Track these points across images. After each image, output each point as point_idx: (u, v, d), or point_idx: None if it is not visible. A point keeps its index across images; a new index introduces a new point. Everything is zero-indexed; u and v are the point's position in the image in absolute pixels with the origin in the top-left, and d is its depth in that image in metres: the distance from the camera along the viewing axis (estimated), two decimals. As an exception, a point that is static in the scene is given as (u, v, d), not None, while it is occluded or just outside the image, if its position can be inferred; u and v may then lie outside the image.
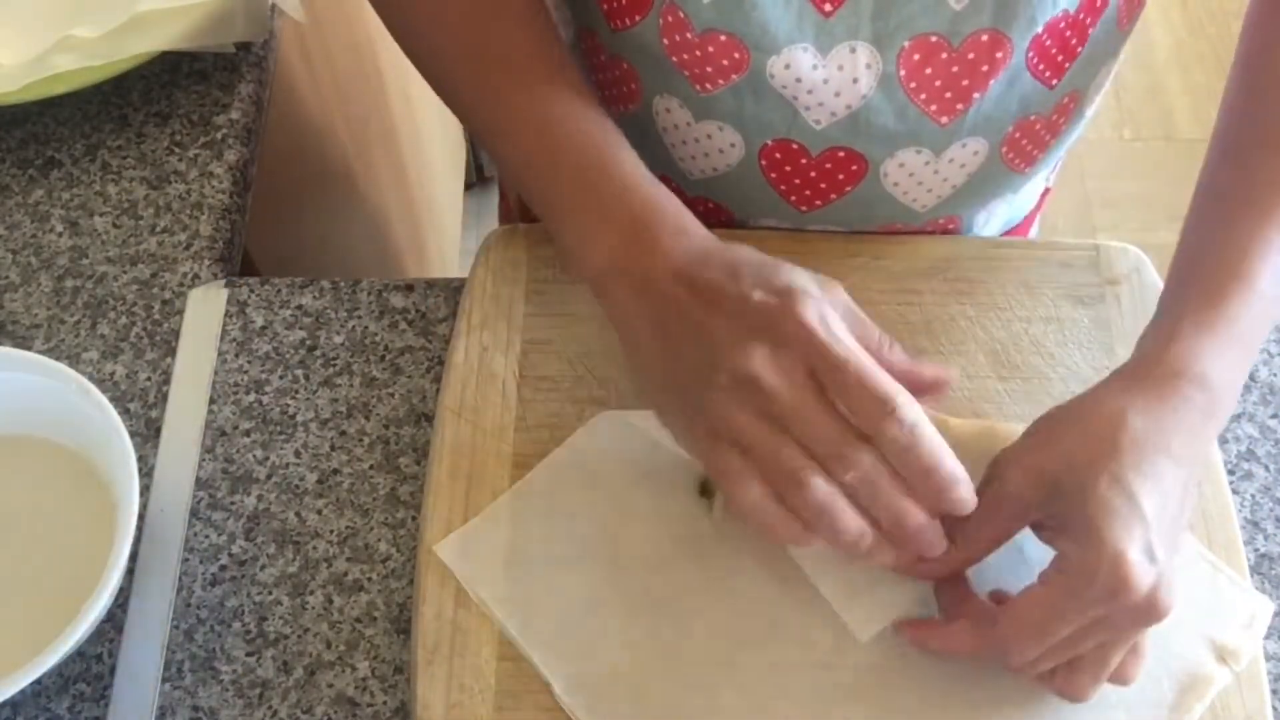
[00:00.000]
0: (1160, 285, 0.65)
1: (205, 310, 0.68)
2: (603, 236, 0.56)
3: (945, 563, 0.54)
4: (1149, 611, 0.50)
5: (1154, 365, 0.54)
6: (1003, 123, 0.64)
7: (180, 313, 0.68)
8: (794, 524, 0.51)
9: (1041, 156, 0.69)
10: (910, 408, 0.50)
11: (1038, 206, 0.81)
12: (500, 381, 0.62)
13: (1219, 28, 2.09)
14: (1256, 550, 0.61)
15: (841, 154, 0.64)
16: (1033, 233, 0.85)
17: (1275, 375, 0.66)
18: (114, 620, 0.59)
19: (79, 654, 0.58)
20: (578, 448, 0.60)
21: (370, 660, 0.58)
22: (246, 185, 0.75)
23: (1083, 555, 0.50)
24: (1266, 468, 0.63)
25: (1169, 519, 0.51)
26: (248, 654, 0.58)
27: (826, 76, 0.60)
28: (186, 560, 0.60)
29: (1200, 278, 0.57)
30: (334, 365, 0.66)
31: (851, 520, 0.50)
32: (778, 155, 0.65)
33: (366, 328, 0.67)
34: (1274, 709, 0.56)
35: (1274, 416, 0.65)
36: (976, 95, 0.61)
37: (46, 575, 0.59)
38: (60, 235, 0.70)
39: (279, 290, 0.68)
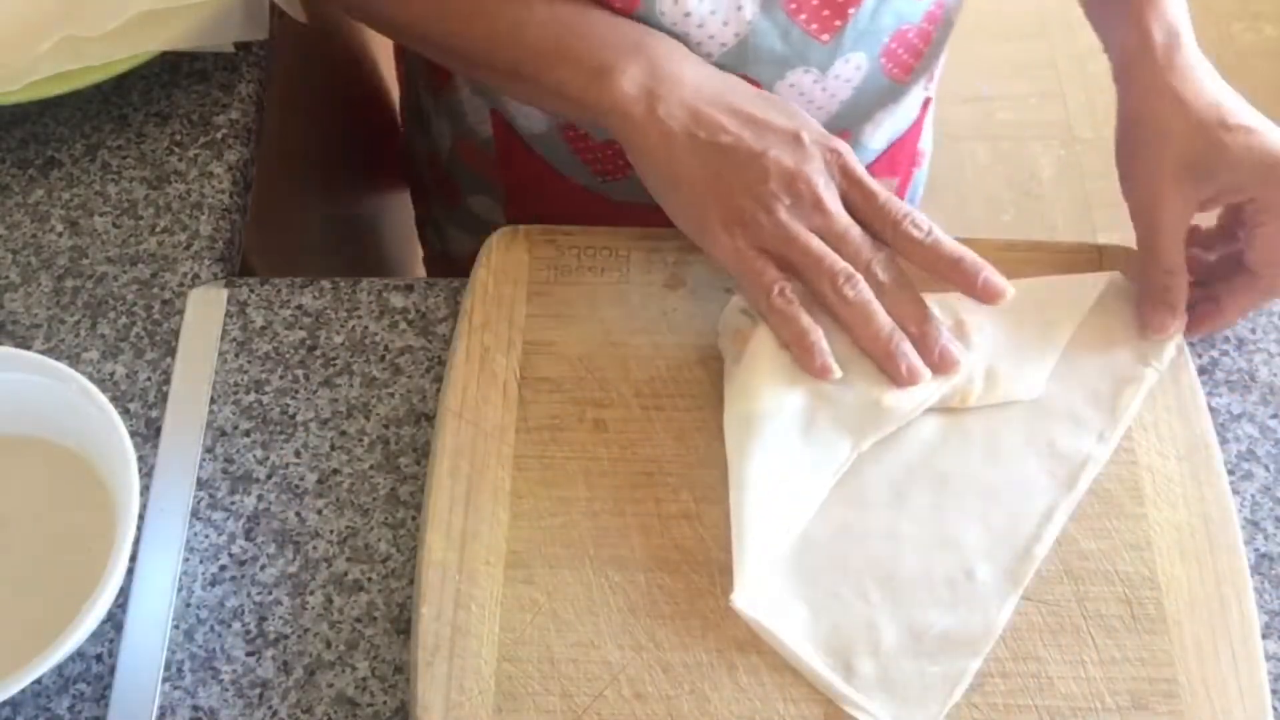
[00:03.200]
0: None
1: (205, 310, 0.67)
2: (624, 64, 0.60)
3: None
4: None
5: (1150, 47, 0.63)
6: (880, 36, 0.68)
7: (180, 313, 0.68)
8: (818, 331, 0.58)
9: (917, 65, 0.73)
10: (924, 218, 0.59)
11: (921, 115, 0.85)
12: (501, 382, 0.62)
13: (1219, 29, 2.09)
14: (1256, 550, 0.61)
15: None
16: (924, 143, 0.89)
17: (1275, 375, 0.66)
18: (114, 620, 0.59)
19: (79, 654, 0.58)
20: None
21: (370, 660, 0.58)
22: (246, 185, 0.75)
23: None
24: (1266, 468, 0.63)
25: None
26: (248, 654, 0.58)
27: (713, 7, 0.63)
28: (186, 560, 0.60)
29: None
30: (334, 365, 0.66)
31: (886, 317, 0.58)
32: None
33: (366, 328, 0.67)
34: (1274, 709, 0.56)
35: (1274, 416, 0.65)
36: (851, 10, 0.65)
37: (46, 575, 0.59)
38: (60, 235, 0.70)
39: (279, 290, 0.68)
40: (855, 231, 0.59)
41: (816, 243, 0.58)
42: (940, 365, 0.59)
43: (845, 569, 0.57)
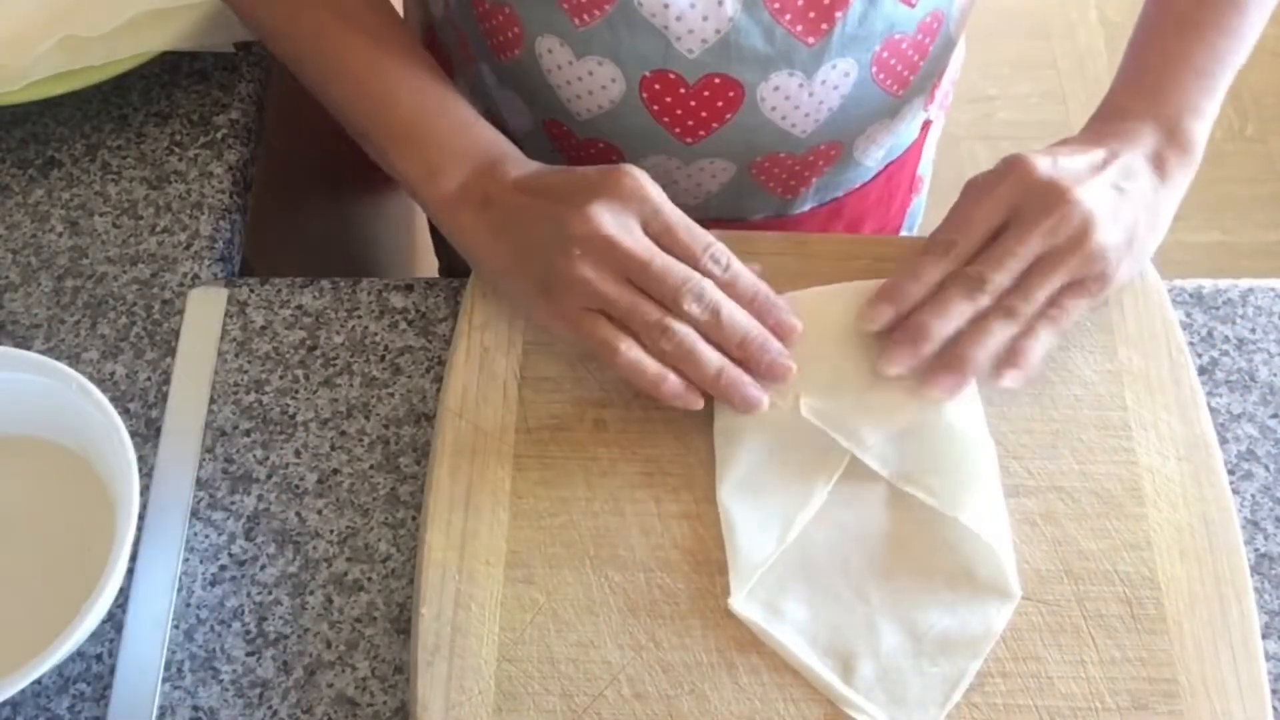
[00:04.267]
0: (1163, 288, 0.66)
1: (205, 310, 0.67)
2: (448, 171, 0.63)
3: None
4: (1051, 193, 0.58)
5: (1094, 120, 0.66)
6: (870, 43, 0.66)
7: (180, 313, 0.68)
8: (669, 376, 0.58)
9: (914, 79, 0.72)
10: (726, 252, 0.59)
11: (921, 138, 0.84)
12: (501, 382, 0.62)
13: (1219, 28, 2.09)
14: (1256, 550, 0.61)
15: (718, 80, 0.66)
16: (924, 168, 0.88)
17: (1275, 375, 0.66)
18: (114, 620, 0.59)
19: (79, 654, 0.58)
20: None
21: (370, 660, 0.58)
22: (246, 185, 0.75)
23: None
24: (1266, 468, 0.63)
25: (1101, 179, 0.60)
26: (248, 654, 0.58)
27: (693, 1, 0.63)
28: (186, 560, 0.60)
29: (1137, 62, 0.67)
30: (334, 365, 0.66)
31: (712, 355, 0.58)
32: (657, 86, 0.67)
33: (366, 328, 0.67)
34: (1274, 709, 0.56)
35: (1274, 416, 0.65)
36: (838, 14, 0.64)
37: (46, 575, 0.59)
38: (60, 235, 0.70)
39: (279, 290, 0.68)
40: (658, 263, 0.58)
41: (624, 295, 0.57)
42: (771, 376, 0.59)
43: (845, 570, 0.57)
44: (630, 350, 0.58)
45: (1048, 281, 0.59)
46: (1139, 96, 0.65)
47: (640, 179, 0.59)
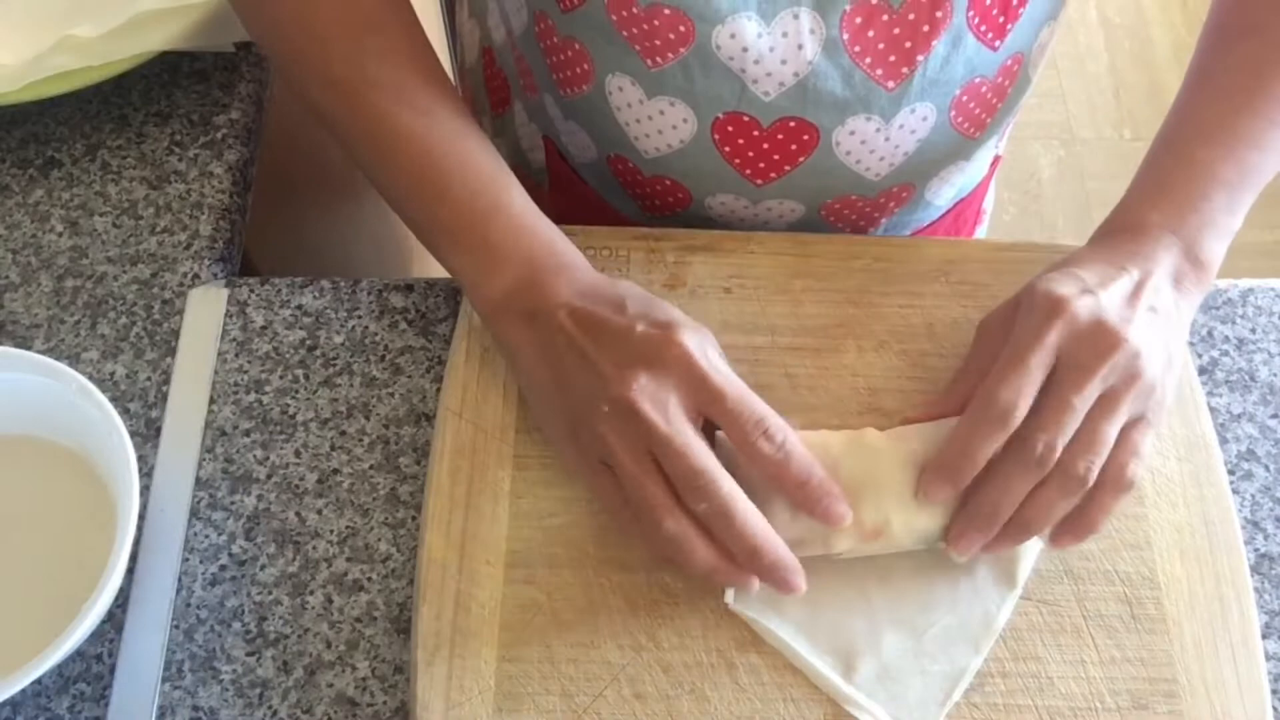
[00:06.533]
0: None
1: (205, 310, 0.67)
2: (497, 275, 0.60)
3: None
4: (1102, 336, 0.54)
5: (1106, 231, 0.62)
6: (950, 87, 0.65)
7: (180, 313, 0.68)
8: (723, 571, 0.54)
9: (991, 121, 0.70)
10: (781, 427, 0.54)
11: (989, 174, 0.82)
12: (501, 382, 0.62)
13: (1219, 28, 2.09)
14: (1256, 550, 0.61)
15: (793, 124, 0.65)
16: (988, 201, 0.86)
17: (1275, 375, 0.66)
18: (114, 620, 0.59)
19: (79, 654, 0.58)
20: None
21: (370, 660, 0.58)
22: (246, 185, 0.75)
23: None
24: (1266, 468, 0.63)
25: (1140, 309, 0.56)
26: (248, 654, 0.58)
27: (772, 44, 0.61)
28: (186, 560, 0.60)
29: (1169, 158, 0.62)
30: (334, 365, 0.66)
31: (703, 554, 0.54)
32: (730, 128, 0.66)
33: (366, 328, 0.67)
34: (1274, 709, 0.56)
35: (1274, 416, 0.65)
36: (920, 58, 0.62)
37: (46, 575, 0.59)
38: (60, 235, 0.70)
39: (279, 290, 0.68)
40: (676, 444, 0.53)
41: (635, 471, 0.54)
42: (787, 590, 0.54)
43: (845, 569, 0.57)
44: (628, 518, 0.55)
45: (1111, 429, 0.55)
46: (1158, 208, 0.60)
47: (690, 349, 0.55)
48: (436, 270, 0.65)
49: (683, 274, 0.66)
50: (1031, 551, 0.58)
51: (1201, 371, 0.66)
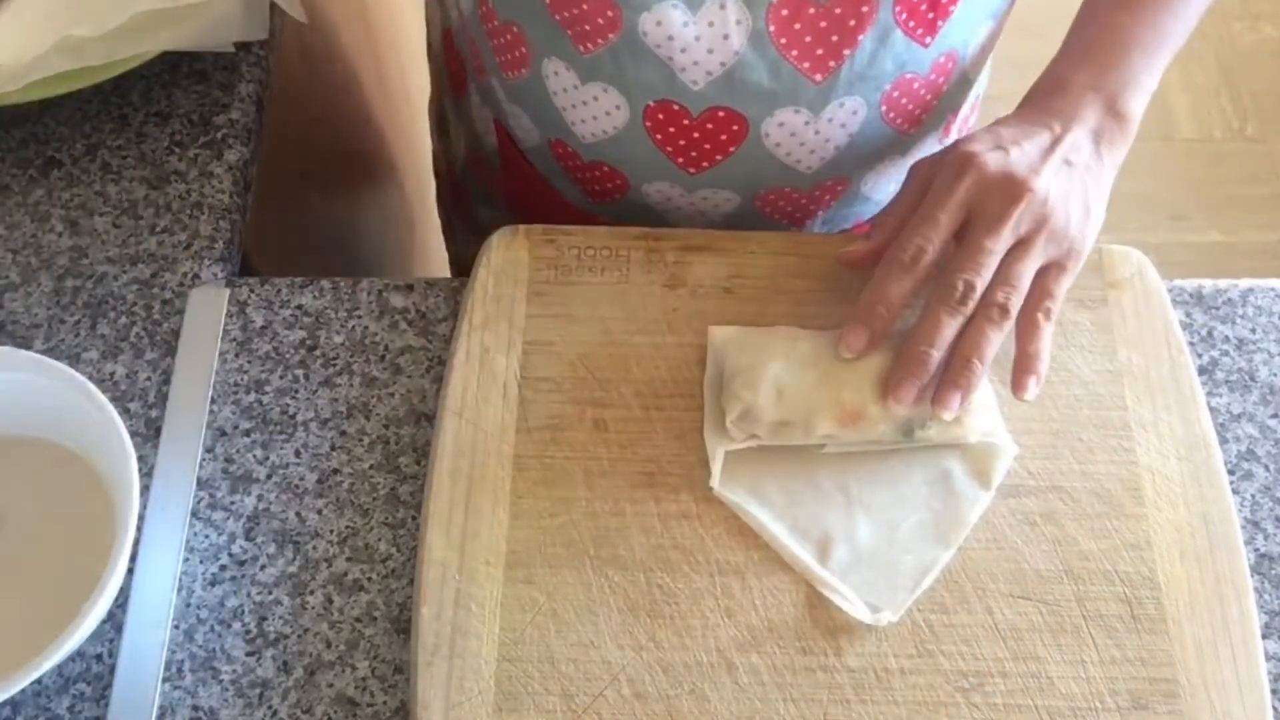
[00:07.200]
0: (1163, 287, 0.66)
1: (205, 310, 0.67)
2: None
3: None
4: (1011, 187, 0.57)
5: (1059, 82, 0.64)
6: (879, 82, 0.66)
7: (180, 313, 0.68)
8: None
9: (926, 117, 0.71)
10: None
11: None
12: (501, 382, 0.62)
13: (1218, 28, 2.09)
14: (1256, 550, 0.61)
15: (721, 114, 0.66)
16: None
17: (1275, 375, 0.66)
18: (114, 620, 0.59)
19: (79, 654, 0.58)
20: None
21: (370, 660, 0.58)
22: (246, 185, 0.75)
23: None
24: (1266, 468, 0.63)
25: (1052, 161, 0.59)
26: (248, 654, 0.58)
27: (698, 34, 0.62)
28: (186, 560, 0.60)
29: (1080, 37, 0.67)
30: (334, 365, 0.66)
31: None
32: (660, 116, 0.67)
33: (366, 328, 0.67)
34: (1274, 709, 0.56)
35: (1274, 416, 0.65)
36: (847, 52, 0.63)
37: (46, 575, 0.59)
38: (60, 235, 0.70)
39: (279, 290, 0.68)
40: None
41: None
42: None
43: (827, 464, 0.60)
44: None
45: (1026, 268, 0.59)
46: (1081, 69, 0.64)
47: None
48: (436, 270, 0.65)
49: (683, 274, 0.66)
50: (1005, 455, 0.60)
51: (1201, 371, 0.66)
